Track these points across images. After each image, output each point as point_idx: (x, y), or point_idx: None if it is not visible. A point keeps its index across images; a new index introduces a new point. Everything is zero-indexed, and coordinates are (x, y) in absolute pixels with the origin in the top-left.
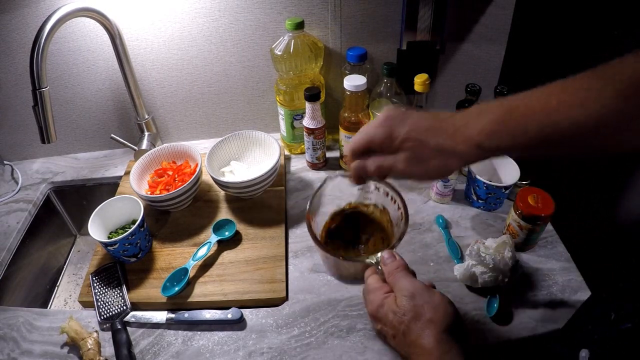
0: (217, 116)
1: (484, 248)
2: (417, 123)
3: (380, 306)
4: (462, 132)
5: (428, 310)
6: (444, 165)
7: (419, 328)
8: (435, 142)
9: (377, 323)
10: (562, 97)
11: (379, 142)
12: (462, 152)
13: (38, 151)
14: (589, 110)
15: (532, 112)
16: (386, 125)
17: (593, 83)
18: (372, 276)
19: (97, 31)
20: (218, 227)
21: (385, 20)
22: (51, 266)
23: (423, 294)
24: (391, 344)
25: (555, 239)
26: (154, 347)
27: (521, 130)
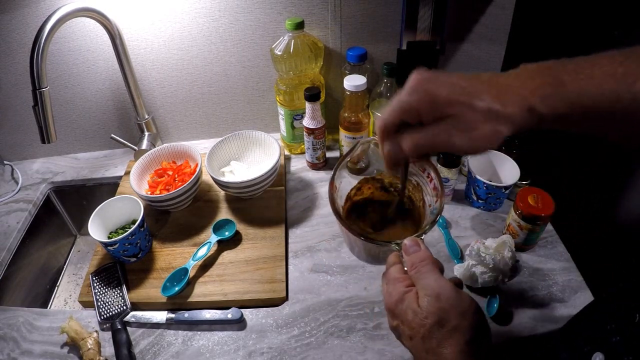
0: (217, 116)
1: (484, 248)
2: (456, 83)
3: (400, 301)
4: (512, 93)
5: (454, 317)
6: (493, 132)
7: (441, 335)
8: (483, 105)
9: (394, 319)
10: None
11: (415, 111)
12: (513, 115)
13: (38, 151)
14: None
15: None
16: (420, 89)
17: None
18: (395, 265)
19: (97, 31)
20: (218, 227)
21: (385, 20)
22: (51, 266)
23: (450, 295)
24: (406, 344)
25: (555, 239)
26: (154, 347)
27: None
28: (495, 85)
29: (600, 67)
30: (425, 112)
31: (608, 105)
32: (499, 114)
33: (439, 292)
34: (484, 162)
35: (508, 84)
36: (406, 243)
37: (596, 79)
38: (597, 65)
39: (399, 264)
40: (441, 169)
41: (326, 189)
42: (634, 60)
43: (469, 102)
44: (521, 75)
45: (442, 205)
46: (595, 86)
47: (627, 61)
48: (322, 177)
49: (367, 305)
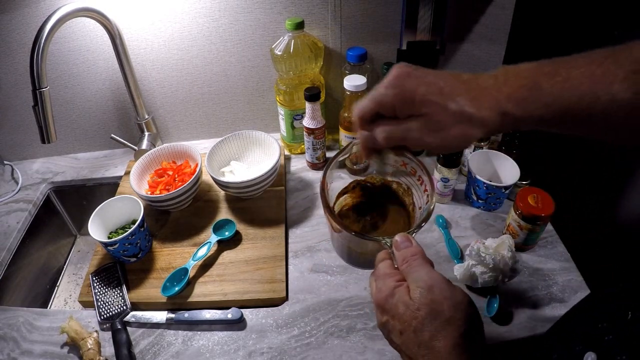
0: (217, 116)
1: (484, 248)
2: (434, 83)
3: (390, 296)
4: (488, 96)
5: (447, 308)
6: (463, 135)
7: (434, 328)
8: (456, 107)
9: (384, 315)
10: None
11: (390, 105)
12: (486, 119)
13: (38, 151)
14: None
15: (572, 79)
16: (397, 85)
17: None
18: (384, 261)
19: (97, 31)
20: (218, 227)
21: (385, 20)
22: (51, 266)
23: (443, 288)
24: (396, 340)
25: (555, 239)
26: (154, 347)
27: (558, 99)
28: (473, 87)
29: (577, 69)
30: (399, 108)
31: (586, 106)
32: (472, 117)
33: (431, 284)
34: (484, 162)
35: (485, 87)
36: (397, 239)
37: (573, 80)
38: (575, 67)
39: (389, 260)
40: (441, 169)
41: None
42: (613, 61)
43: (443, 103)
44: (499, 78)
45: (432, 206)
46: (572, 88)
47: (606, 61)
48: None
49: (367, 305)
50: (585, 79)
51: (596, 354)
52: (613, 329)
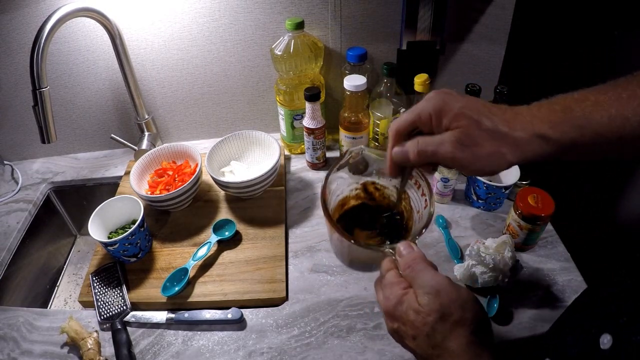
0: (217, 116)
1: (484, 248)
2: (471, 101)
3: (399, 303)
4: (522, 119)
5: (456, 310)
6: (496, 153)
7: (445, 330)
8: (490, 124)
9: (394, 322)
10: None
11: (427, 117)
12: (520, 140)
13: (38, 151)
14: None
15: (601, 102)
16: (437, 99)
17: None
18: (390, 271)
19: (97, 31)
20: (218, 227)
21: (385, 20)
22: (51, 266)
23: (449, 290)
24: (410, 345)
25: (555, 239)
26: (154, 347)
27: (590, 121)
28: (508, 111)
29: (604, 94)
30: (436, 119)
31: (617, 128)
32: (506, 136)
33: (437, 289)
34: None
35: (519, 112)
36: (400, 247)
37: (602, 104)
38: (601, 92)
39: (394, 269)
40: (441, 169)
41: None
42: (636, 85)
43: (477, 119)
44: (532, 107)
45: (431, 212)
46: (602, 110)
47: (630, 86)
48: (322, 177)
49: (367, 305)
50: (614, 102)
51: (612, 336)
52: (627, 311)
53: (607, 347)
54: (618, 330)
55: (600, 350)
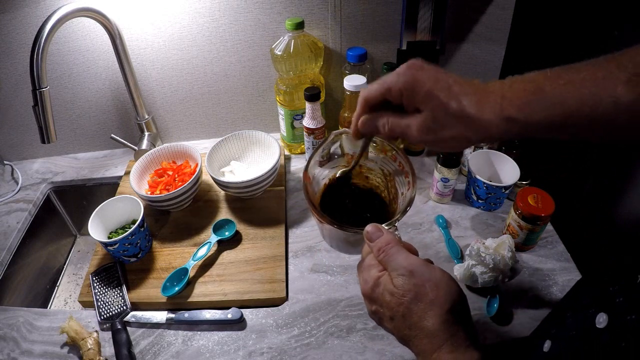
0: (217, 116)
1: (484, 248)
2: (444, 80)
3: (376, 286)
4: (492, 100)
5: (430, 289)
6: (460, 136)
7: (420, 309)
8: (458, 105)
9: (372, 304)
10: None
11: (397, 92)
12: (486, 123)
13: (38, 151)
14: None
15: (574, 82)
16: (409, 74)
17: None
18: (370, 253)
19: (97, 31)
20: (218, 227)
21: (385, 20)
22: (51, 266)
23: (422, 271)
24: (387, 326)
25: (555, 239)
26: (154, 347)
27: (561, 102)
28: (480, 90)
29: (580, 73)
30: (406, 96)
31: (589, 110)
32: (472, 119)
33: (411, 270)
34: (484, 162)
35: (491, 91)
36: (368, 229)
37: (576, 83)
38: (577, 71)
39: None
40: (441, 169)
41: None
42: (615, 65)
43: (446, 101)
44: (505, 84)
45: (413, 195)
46: (574, 91)
47: (608, 65)
48: None
49: None
50: (588, 82)
51: (607, 315)
52: (623, 291)
53: (603, 326)
54: (614, 309)
55: (596, 329)
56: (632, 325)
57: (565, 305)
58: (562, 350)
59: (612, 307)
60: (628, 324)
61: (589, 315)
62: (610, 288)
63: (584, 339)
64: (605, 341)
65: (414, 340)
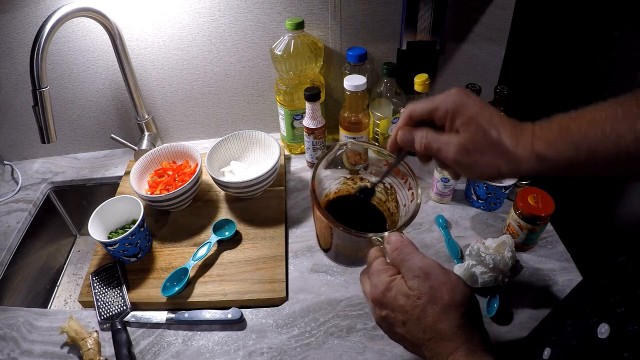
0: (217, 116)
1: (484, 248)
2: (487, 109)
3: (387, 290)
4: (525, 137)
5: (446, 292)
6: (493, 164)
7: (436, 312)
8: (496, 135)
9: (383, 309)
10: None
11: (443, 112)
12: (519, 157)
13: (38, 151)
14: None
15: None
16: (458, 97)
17: None
18: (378, 259)
19: (97, 31)
20: (218, 227)
21: (385, 20)
22: (51, 266)
23: (438, 273)
24: (399, 331)
25: (555, 239)
26: (154, 347)
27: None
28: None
29: (600, 111)
30: (450, 118)
31: (612, 146)
32: (507, 151)
33: (427, 272)
34: None
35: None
36: (388, 234)
37: (597, 121)
38: (598, 110)
39: (382, 257)
40: (441, 169)
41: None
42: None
43: (486, 128)
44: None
45: (418, 204)
46: (596, 128)
47: (626, 103)
48: None
49: (367, 305)
50: (609, 119)
51: (609, 326)
52: (625, 301)
53: (605, 337)
54: (616, 320)
55: (598, 339)
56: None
57: (565, 310)
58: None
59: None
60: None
61: (591, 325)
62: (612, 299)
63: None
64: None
65: (428, 343)
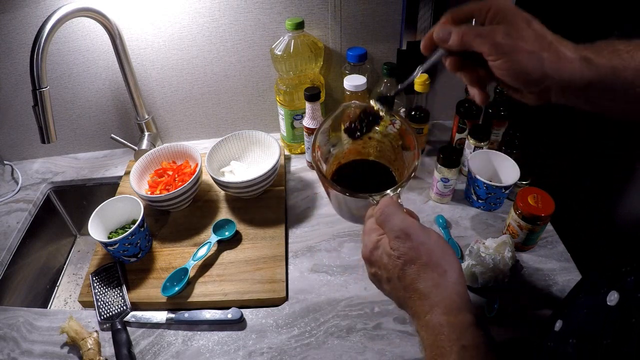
0: (217, 116)
1: (484, 248)
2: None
3: (375, 248)
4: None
5: (425, 252)
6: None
7: (414, 272)
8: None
9: (372, 266)
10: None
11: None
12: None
13: (38, 151)
14: None
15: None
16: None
17: None
18: (370, 218)
19: (97, 31)
20: (218, 227)
21: (385, 20)
22: (51, 266)
23: (418, 233)
24: (385, 288)
25: (555, 239)
26: (154, 347)
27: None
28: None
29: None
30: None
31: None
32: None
33: (407, 232)
34: (484, 162)
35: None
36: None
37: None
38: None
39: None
40: (441, 169)
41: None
42: None
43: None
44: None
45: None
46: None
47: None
48: None
49: (367, 305)
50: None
51: (619, 293)
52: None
53: (614, 304)
54: (625, 287)
55: (607, 306)
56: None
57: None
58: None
59: (623, 286)
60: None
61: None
62: (622, 269)
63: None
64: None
65: (408, 301)
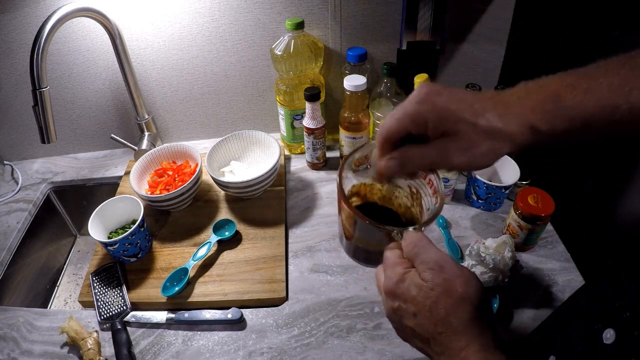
0: (217, 116)
1: (484, 248)
2: (464, 100)
3: (401, 281)
4: (514, 111)
5: (460, 285)
6: (492, 150)
7: (449, 305)
8: (485, 123)
9: (395, 301)
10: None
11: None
12: (515, 134)
13: (38, 151)
14: None
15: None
16: (430, 102)
17: None
18: (393, 250)
19: (97, 31)
20: (218, 227)
21: (385, 20)
22: (51, 266)
23: (452, 266)
24: (409, 324)
25: (555, 239)
26: (154, 347)
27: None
28: (499, 103)
29: (596, 79)
30: (432, 125)
31: (607, 116)
32: (501, 132)
33: (441, 264)
34: None
35: (509, 102)
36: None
37: (594, 92)
38: (593, 78)
39: (398, 250)
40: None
41: (326, 189)
42: (629, 69)
43: (473, 121)
44: (520, 93)
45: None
46: (593, 99)
47: (622, 69)
48: (322, 177)
49: (367, 305)
50: (605, 89)
51: (615, 331)
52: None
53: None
54: (621, 325)
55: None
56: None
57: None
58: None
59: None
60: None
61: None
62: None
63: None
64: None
65: (438, 337)
